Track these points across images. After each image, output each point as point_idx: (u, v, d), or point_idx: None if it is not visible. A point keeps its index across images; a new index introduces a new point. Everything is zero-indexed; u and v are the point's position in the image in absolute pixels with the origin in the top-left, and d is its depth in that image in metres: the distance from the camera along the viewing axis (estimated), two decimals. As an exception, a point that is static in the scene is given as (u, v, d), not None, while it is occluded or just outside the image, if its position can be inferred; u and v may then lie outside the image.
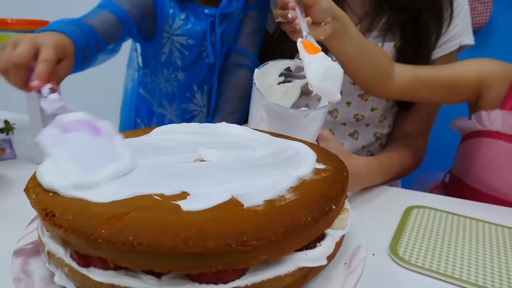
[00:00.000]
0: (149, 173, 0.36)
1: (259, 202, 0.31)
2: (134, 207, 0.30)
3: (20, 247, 0.36)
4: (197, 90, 0.92)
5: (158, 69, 0.92)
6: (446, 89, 0.76)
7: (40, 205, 0.31)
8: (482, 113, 0.75)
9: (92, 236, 0.27)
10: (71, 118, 0.42)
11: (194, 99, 0.94)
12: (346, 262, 0.36)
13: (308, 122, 0.55)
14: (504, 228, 0.62)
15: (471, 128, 0.78)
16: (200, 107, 0.95)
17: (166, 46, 0.88)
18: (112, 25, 0.77)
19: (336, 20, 0.63)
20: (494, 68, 0.76)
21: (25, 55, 0.52)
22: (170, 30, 0.85)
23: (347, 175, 0.38)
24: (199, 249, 0.26)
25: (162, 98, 0.95)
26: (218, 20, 0.86)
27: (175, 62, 0.89)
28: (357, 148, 0.91)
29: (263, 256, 0.28)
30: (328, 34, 0.62)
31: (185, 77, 0.90)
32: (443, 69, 0.76)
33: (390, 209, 0.67)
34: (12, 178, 0.74)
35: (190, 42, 0.86)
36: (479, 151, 0.76)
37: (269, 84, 0.62)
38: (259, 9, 0.91)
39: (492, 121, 0.74)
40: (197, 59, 0.89)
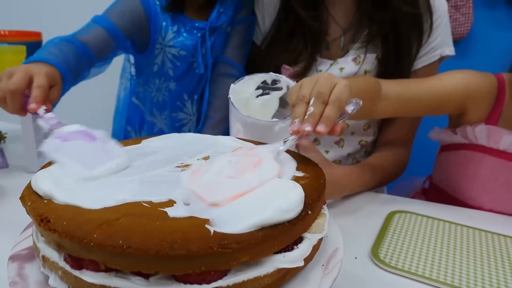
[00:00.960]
0: (139, 181, 0.38)
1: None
2: (123, 213, 0.33)
3: (15, 252, 0.38)
4: (187, 99, 0.95)
5: (150, 79, 0.95)
6: (431, 109, 0.75)
7: (36, 212, 0.33)
8: (467, 127, 0.76)
9: (84, 240, 0.29)
10: (68, 130, 0.46)
11: (184, 108, 0.96)
12: (324, 264, 0.38)
13: (282, 132, 0.58)
14: (481, 232, 0.65)
15: (454, 141, 0.79)
16: (189, 115, 0.97)
17: (158, 57, 0.91)
18: (105, 40, 0.80)
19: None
20: (479, 84, 0.75)
21: (21, 83, 0.57)
22: (163, 42, 0.88)
23: (324, 182, 0.40)
24: (183, 251, 0.29)
25: (153, 107, 0.98)
26: (208, 33, 0.89)
27: (167, 72, 0.92)
28: (343, 156, 0.94)
29: (243, 258, 0.31)
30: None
31: (176, 87, 0.93)
32: (428, 87, 0.74)
33: (373, 214, 0.70)
34: (4, 187, 0.75)
35: (182, 53, 0.89)
36: (463, 164, 0.77)
37: (247, 98, 0.65)
38: (246, 23, 0.95)
39: (477, 136, 0.74)
40: (188, 70, 0.92)
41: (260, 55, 0.92)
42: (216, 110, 0.95)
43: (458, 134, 0.78)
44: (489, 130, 0.73)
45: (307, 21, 0.84)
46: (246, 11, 0.94)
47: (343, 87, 0.48)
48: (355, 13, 0.86)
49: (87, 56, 0.76)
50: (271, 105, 0.66)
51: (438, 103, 0.75)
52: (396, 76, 0.85)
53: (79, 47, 0.74)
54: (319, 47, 0.87)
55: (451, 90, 0.74)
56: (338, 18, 0.88)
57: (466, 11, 1.32)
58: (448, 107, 0.76)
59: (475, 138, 0.75)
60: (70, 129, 0.48)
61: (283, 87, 0.65)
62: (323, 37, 0.87)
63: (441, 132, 0.83)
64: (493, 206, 0.75)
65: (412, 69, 0.87)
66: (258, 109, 0.65)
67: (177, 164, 0.43)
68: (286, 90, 0.65)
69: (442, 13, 0.85)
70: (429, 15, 0.83)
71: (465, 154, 0.77)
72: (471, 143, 0.76)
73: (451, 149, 0.82)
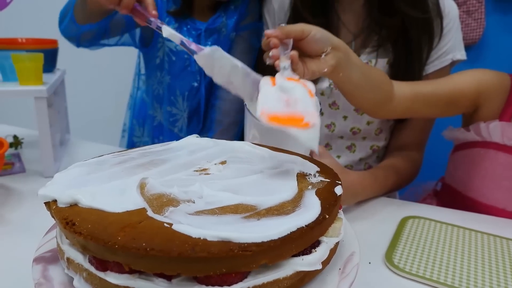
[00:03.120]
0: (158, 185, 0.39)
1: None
2: (145, 216, 0.33)
3: (39, 255, 0.39)
4: (179, 95, 0.98)
5: (153, 72, 0.99)
6: (446, 105, 0.75)
7: (61, 215, 0.34)
8: (481, 124, 0.76)
9: (109, 242, 0.30)
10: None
11: (176, 103, 0.99)
12: (340, 268, 0.39)
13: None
14: (496, 238, 0.64)
15: (468, 139, 0.79)
16: (181, 111, 1.00)
17: (160, 50, 0.95)
18: (121, 20, 0.86)
19: (337, 49, 0.60)
20: (492, 80, 0.76)
21: None
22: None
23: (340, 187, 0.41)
24: (205, 254, 0.29)
25: (154, 100, 1.02)
26: (205, 35, 0.92)
27: (164, 65, 0.95)
28: (354, 161, 0.94)
29: (263, 261, 0.31)
30: (331, 65, 0.59)
31: (170, 81, 0.97)
32: (442, 84, 0.75)
33: (386, 219, 0.70)
34: (22, 191, 0.77)
35: (179, 48, 0.92)
36: (477, 162, 0.77)
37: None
38: (251, 29, 0.96)
39: (491, 133, 0.74)
40: (183, 66, 0.95)
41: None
42: (225, 115, 0.97)
43: (472, 131, 0.78)
44: (503, 126, 0.73)
45: None
46: (251, 18, 0.97)
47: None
48: (365, 18, 0.87)
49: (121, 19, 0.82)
50: None
51: (452, 99, 0.75)
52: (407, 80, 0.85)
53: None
54: None
55: (464, 86, 0.75)
56: (348, 24, 0.88)
57: (478, 17, 1.32)
58: (462, 104, 0.76)
59: (489, 135, 0.75)
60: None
61: None
62: None
63: (455, 130, 0.83)
64: (506, 205, 0.75)
65: (424, 74, 0.87)
66: None
67: (195, 168, 0.44)
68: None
69: (453, 17, 0.86)
70: (439, 19, 0.84)
71: (478, 151, 0.77)
72: (484, 140, 0.76)
73: (464, 148, 0.81)
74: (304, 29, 0.57)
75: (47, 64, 0.89)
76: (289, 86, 0.47)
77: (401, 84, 0.73)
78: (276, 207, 0.36)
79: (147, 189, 0.38)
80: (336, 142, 0.94)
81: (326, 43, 0.58)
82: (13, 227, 0.64)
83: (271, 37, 0.55)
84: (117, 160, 0.46)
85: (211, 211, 0.35)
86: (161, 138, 1.04)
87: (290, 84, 0.47)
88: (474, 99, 0.76)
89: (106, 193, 0.37)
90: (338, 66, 0.60)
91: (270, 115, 0.44)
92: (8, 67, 0.84)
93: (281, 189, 0.39)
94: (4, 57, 0.83)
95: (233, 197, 0.37)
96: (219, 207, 0.35)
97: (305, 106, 0.45)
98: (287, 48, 0.56)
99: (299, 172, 0.44)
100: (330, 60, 0.59)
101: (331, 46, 0.59)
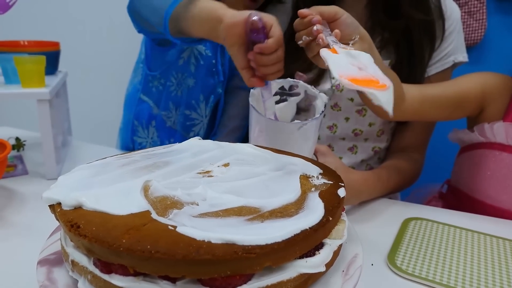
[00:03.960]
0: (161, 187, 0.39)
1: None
2: (149, 219, 0.34)
3: (43, 257, 0.39)
4: (202, 100, 0.96)
5: (172, 73, 0.96)
6: (453, 107, 0.76)
7: (65, 218, 0.34)
8: (485, 125, 0.76)
9: (114, 245, 0.30)
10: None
11: (197, 108, 0.98)
12: (344, 270, 0.39)
13: (303, 134, 0.58)
14: (499, 239, 0.64)
15: (472, 140, 0.80)
16: (201, 117, 0.99)
17: (186, 51, 0.93)
18: None
19: (363, 40, 0.59)
20: (496, 82, 0.77)
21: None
22: None
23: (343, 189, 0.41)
24: (209, 256, 0.30)
25: (169, 101, 0.99)
26: None
27: (190, 68, 0.93)
28: (356, 162, 0.94)
29: (267, 263, 0.31)
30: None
31: (194, 84, 0.95)
32: (448, 87, 0.76)
33: (389, 220, 0.70)
34: (24, 194, 0.77)
35: (208, 53, 0.91)
36: (482, 163, 0.77)
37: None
38: None
39: (495, 134, 0.75)
40: (208, 72, 0.94)
41: None
42: (230, 119, 0.97)
43: (476, 132, 0.78)
44: (506, 127, 0.74)
45: None
46: None
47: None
48: (367, 20, 0.87)
49: None
50: (288, 110, 0.67)
51: (459, 102, 0.76)
52: (409, 82, 0.85)
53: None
54: None
55: (470, 88, 0.76)
56: (351, 25, 0.89)
57: (479, 17, 1.32)
58: (468, 106, 0.77)
59: (493, 135, 0.75)
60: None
61: (301, 92, 0.66)
62: None
63: (460, 132, 0.83)
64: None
65: (426, 76, 0.87)
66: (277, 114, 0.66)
67: (198, 170, 0.44)
68: (304, 95, 0.66)
69: (454, 19, 0.86)
70: (441, 21, 0.84)
71: (483, 152, 0.78)
72: (489, 141, 0.76)
73: (469, 150, 0.82)
74: (337, 11, 0.56)
75: (49, 67, 0.89)
76: (355, 53, 0.48)
77: (409, 86, 0.74)
78: (280, 209, 0.36)
79: (151, 191, 0.38)
80: (338, 144, 0.94)
81: (355, 30, 0.58)
82: (16, 229, 0.64)
83: (309, 15, 0.54)
84: (120, 162, 0.46)
85: (215, 213, 0.35)
86: (172, 140, 1.02)
87: (355, 51, 0.49)
88: (480, 101, 0.77)
89: (110, 195, 0.37)
90: None
91: (349, 77, 0.44)
92: (10, 69, 0.84)
93: (285, 191, 0.39)
94: (7, 60, 0.84)
95: (237, 200, 0.37)
96: (222, 210, 0.35)
97: (374, 70, 0.46)
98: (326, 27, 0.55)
99: (302, 174, 0.44)
100: (357, 49, 0.57)
101: (359, 35, 0.58)
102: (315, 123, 0.59)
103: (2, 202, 0.72)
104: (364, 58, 0.48)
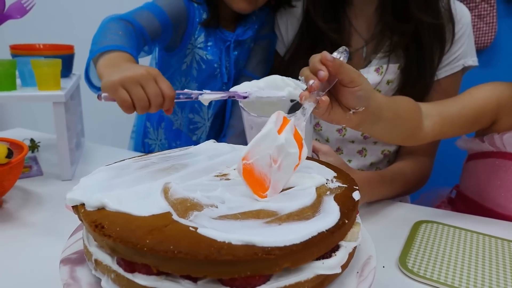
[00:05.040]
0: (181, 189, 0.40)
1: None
2: (170, 220, 0.35)
3: (65, 256, 0.41)
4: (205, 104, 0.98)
5: (177, 77, 0.98)
6: (471, 124, 0.76)
7: (90, 218, 0.35)
8: (495, 135, 0.77)
9: (138, 245, 0.31)
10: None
11: (200, 112, 1.00)
12: (358, 271, 0.40)
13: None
14: (510, 243, 0.65)
15: (481, 149, 0.80)
16: (204, 120, 1.01)
17: (188, 57, 0.95)
18: (154, 26, 0.83)
19: (369, 112, 0.55)
20: (509, 93, 0.76)
21: (158, 93, 0.57)
22: (195, 42, 0.92)
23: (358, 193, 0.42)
24: (230, 257, 0.31)
25: (175, 104, 1.01)
26: (233, 45, 0.92)
27: (192, 72, 0.95)
28: (365, 165, 0.95)
29: (285, 264, 0.32)
30: (352, 124, 0.56)
31: (197, 88, 0.97)
32: (466, 105, 0.74)
33: (400, 223, 0.71)
34: (40, 194, 0.78)
35: (209, 57, 0.93)
36: (492, 172, 0.78)
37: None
38: (268, 39, 0.98)
39: (505, 144, 0.76)
40: (211, 75, 0.95)
41: (283, 66, 0.94)
42: (239, 120, 0.98)
43: (486, 142, 0.79)
44: None
45: (328, 34, 0.86)
46: (267, 28, 0.98)
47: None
48: (376, 24, 0.88)
49: (143, 38, 0.79)
50: (281, 106, 0.66)
51: (476, 117, 0.75)
52: (419, 86, 0.85)
53: (137, 28, 0.76)
54: None
55: (485, 102, 0.75)
56: (360, 29, 0.89)
57: (490, 21, 1.32)
58: (484, 120, 0.77)
59: (503, 145, 0.76)
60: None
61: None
62: None
63: (469, 141, 0.83)
64: None
65: (435, 79, 0.87)
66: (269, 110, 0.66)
67: (215, 173, 0.45)
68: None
69: (465, 23, 0.86)
70: (451, 25, 0.84)
71: (494, 162, 0.78)
72: (499, 151, 0.77)
73: (479, 158, 0.82)
74: (354, 79, 0.51)
75: (64, 69, 0.91)
76: (288, 148, 0.42)
77: (428, 107, 0.72)
78: (296, 212, 0.37)
79: (171, 193, 0.39)
80: (347, 147, 0.94)
81: (362, 103, 0.54)
82: (34, 229, 0.65)
83: (322, 68, 0.49)
84: (139, 164, 0.47)
85: (234, 216, 0.36)
86: (178, 142, 1.04)
87: (292, 146, 0.43)
88: (495, 114, 0.76)
89: (132, 197, 0.38)
90: (359, 125, 0.57)
91: (247, 166, 0.41)
92: (27, 72, 0.86)
93: (301, 194, 0.40)
94: (24, 63, 0.85)
95: (255, 203, 0.38)
96: (241, 212, 0.36)
97: (279, 179, 0.42)
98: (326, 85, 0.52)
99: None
100: (355, 119, 0.55)
101: (365, 107, 0.54)
102: (300, 113, 0.56)
103: (19, 202, 0.74)
104: (289, 161, 0.42)
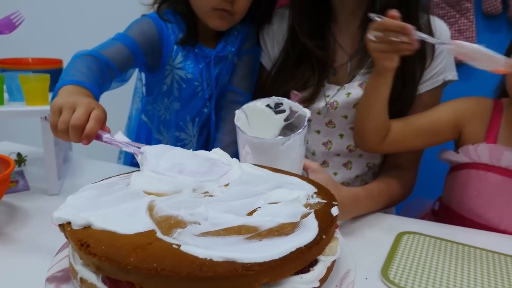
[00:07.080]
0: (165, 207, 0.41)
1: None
2: (154, 238, 0.36)
3: (51, 274, 0.41)
4: (189, 121, 1.00)
5: (159, 98, 1.00)
6: (428, 135, 0.83)
7: (75, 237, 0.36)
8: (469, 147, 0.80)
9: (122, 263, 0.32)
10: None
11: (186, 129, 1.01)
12: (337, 285, 0.41)
13: (288, 149, 0.60)
14: (491, 253, 0.66)
15: (458, 161, 0.83)
16: (190, 136, 1.03)
17: (168, 78, 0.96)
18: (126, 56, 0.85)
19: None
20: (467, 106, 0.83)
21: (83, 119, 0.60)
22: (173, 63, 0.94)
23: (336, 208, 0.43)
24: (211, 273, 0.32)
25: (160, 125, 1.03)
26: (214, 62, 0.94)
27: (174, 92, 0.97)
28: (351, 178, 0.97)
29: (264, 280, 0.34)
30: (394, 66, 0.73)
31: (180, 107, 0.99)
32: (425, 114, 0.84)
33: (383, 234, 0.72)
34: (26, 209, 0.78)
35: (189, 76, 0.95)
36: (469, 183, 0.81)
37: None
38: (251, 54, 1.00)
39: (479, 155, 0.79)
40: (193, 93, 0.97)
41: (269, 81, 0.96)
42: (225, 134, 1.00)
43: (461, 154, 0.82)
44: (490, 148, 0.78)
45: (313, 50, 0.89)
46: (250, 43, 1.00)
47: None
48: (360, 40, 0.90)
49: (110, 70, 0.81)
50: (276, 127, 0.69)
51: (432, 130, 0.82)
52: (402, 100, 0.88)
53: (102, 62, 0.79)
54: (326, 74, 0.91)
55: (440, 116, 0.83)
56: (344, 45, 0.92)
57: (469, 35, 1.35)
58: (443, 132, 0.84)
59: (478, 156, 0.79)
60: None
61: (286, 109, 0.68)
62: (330, 64, 0.91)
63: (447, 153, 0.87)
64: (499, 223, 0.78)
65: (417, 93, 0.90)
66: (263, 130, 0.68)
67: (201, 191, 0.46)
68: (289, 112, 0.68)
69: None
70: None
71: (469, 172, 0.81)
72: (474, 162, 0.80)
73: (457, 169, 0.85)
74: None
75: (53, 84, 0.91)
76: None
77: (393, 120, 0.83)
78: (277, 228, 0.38)
79: (156, 211, 0.40)
80: (333, 160, 0.96)
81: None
82: (20, 246, 0.65)
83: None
84: (125, 182, 0.48)
85: (216, 232, 0.37)
86: None
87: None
88: (454, 126, 0.83)
89: (117, 215, 0.39)
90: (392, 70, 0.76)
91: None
92: (15, 87, 0.86)
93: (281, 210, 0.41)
94: (11, 78, 0.86)
95: (236, 219, 0.39)
96: (223, 229, 0.38)
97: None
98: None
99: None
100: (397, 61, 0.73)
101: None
102: (298, 137, 0.61)
103: (4, 218, 0.73)
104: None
